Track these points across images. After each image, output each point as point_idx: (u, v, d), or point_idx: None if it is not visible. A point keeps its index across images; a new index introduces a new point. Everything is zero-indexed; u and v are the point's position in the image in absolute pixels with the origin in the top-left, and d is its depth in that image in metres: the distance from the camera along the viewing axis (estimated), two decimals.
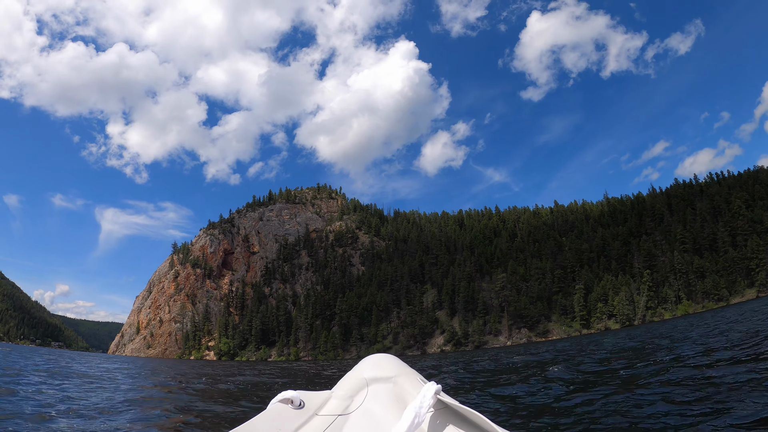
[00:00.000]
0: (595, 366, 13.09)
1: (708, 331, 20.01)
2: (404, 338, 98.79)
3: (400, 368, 1.67)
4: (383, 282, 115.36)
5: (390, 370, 1.63)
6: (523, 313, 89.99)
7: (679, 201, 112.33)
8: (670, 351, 13.79)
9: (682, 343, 16.29)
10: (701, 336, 18.01)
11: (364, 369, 1.66)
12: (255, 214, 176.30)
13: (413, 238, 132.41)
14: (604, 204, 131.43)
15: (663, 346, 16.58)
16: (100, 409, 8.36)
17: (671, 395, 6.39)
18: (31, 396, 9.25)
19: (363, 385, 1.54)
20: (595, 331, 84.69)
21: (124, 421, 7.25)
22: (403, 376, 1.60)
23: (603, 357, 16.17)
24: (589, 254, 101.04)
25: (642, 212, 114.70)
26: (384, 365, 1.69)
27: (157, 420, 7.75)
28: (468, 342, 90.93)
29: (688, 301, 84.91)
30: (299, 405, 1.33)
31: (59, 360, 33.28)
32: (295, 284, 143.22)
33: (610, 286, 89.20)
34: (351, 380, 1.58)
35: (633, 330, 54.94)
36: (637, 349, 17.74)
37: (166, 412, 8.67)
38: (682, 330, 25.97)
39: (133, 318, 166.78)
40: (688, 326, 29.86)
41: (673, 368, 9.17)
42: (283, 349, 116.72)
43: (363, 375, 1.60)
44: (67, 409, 7.97)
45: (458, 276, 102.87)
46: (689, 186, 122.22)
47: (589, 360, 15.55)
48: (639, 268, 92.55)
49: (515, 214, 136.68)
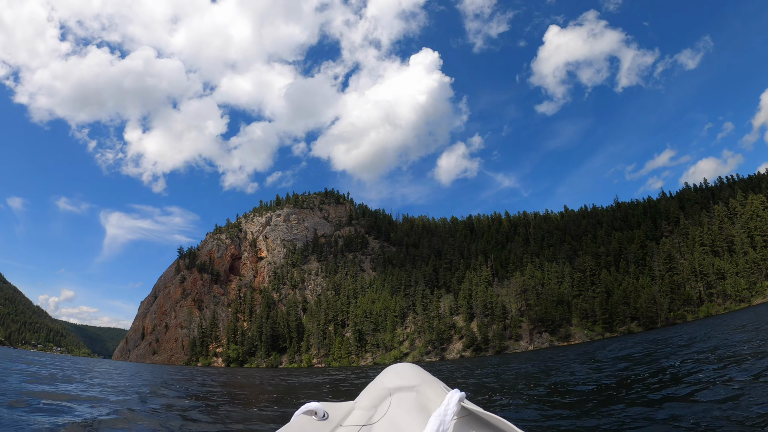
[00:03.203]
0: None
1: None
2: (422, 344, 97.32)
3: (423, 377, 1.65)
4: (396, 287, 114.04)
5: (412, 379, 1.61)
6: (544, 317, 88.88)
7: (692, 204, 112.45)
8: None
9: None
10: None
11: (386, 379, 1.65)
12: (262, 219, 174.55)
13: (425, 243, 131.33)
14: (615, 209, 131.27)
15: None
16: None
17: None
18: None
19: (386, 394, 1.52)
20: (618, 334, 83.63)
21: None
22: (426, 384, 1.57)
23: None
24: (606, 258, 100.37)
25: (656, 216, 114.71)
26: (406, 374, 1.67)
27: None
28: (488, 347, 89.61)
29: (710, 303, 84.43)
30: (323, 416, 1.32)
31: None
32: (305, 290, 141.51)
33: (632, 288, 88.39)
34: (374, 390, 1.56)
35: (664, 332, 53.75)
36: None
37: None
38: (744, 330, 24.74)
39: (138, 323, 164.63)
40: (725, 327, 28.47)
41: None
42: (295, 355, 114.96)
43: (386, 385, 1.58)
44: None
45: (474, 280, 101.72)
46: (700, 190, 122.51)
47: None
48: (659, 271, 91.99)
49: (526, 219, 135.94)
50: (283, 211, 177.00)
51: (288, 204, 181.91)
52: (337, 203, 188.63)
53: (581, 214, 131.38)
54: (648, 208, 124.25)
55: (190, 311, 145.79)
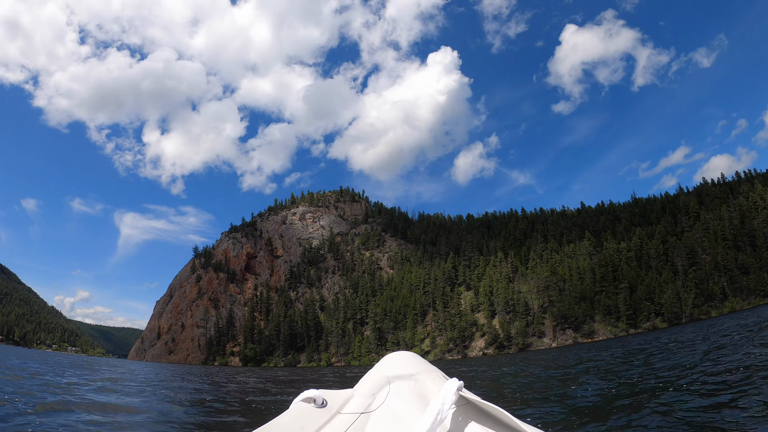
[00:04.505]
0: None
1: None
2: (443, 342, 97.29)
3: (422, 365, 1.66)
4: (415, 285, 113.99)
5: (411, 368, 1.62)
6: (567, 313, 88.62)
7: (712, 199, 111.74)
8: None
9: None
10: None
11: (385, 367, 1.63)
12: (277, 218, 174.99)
13: (442, 241, 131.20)
14: (633, 204, 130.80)
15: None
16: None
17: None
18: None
19: (385, 382, 1.53)
20: (643, 330, 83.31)
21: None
22: (425, 373, 1.58)
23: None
24: (627, 253, 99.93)
25: (675, 211, 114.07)
26: (405, 362, 1.67)
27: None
28: (511, 344, 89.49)
29: (735, 298, 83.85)
30: (322, 404, 1.32)
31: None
32: (322, 288, 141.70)
33: (655, 284, 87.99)
34: (373, 378, 1.55)
35: (687, 327, 53.34)
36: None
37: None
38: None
39: (154, 323, 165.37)
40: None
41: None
42: (313, 354, 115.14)
43: (384, 373, 1.58)
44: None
45: (495, 277, 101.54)
46: (718, 184, 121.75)
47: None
48: (682, 266, 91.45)
49: (543, 216, 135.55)
50: (299, 209, 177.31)
51: (303, 202, 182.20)
52: (353, 201, 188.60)
53: (599, 210, 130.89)
54: (666, 203, 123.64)
55: (206, 310, 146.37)
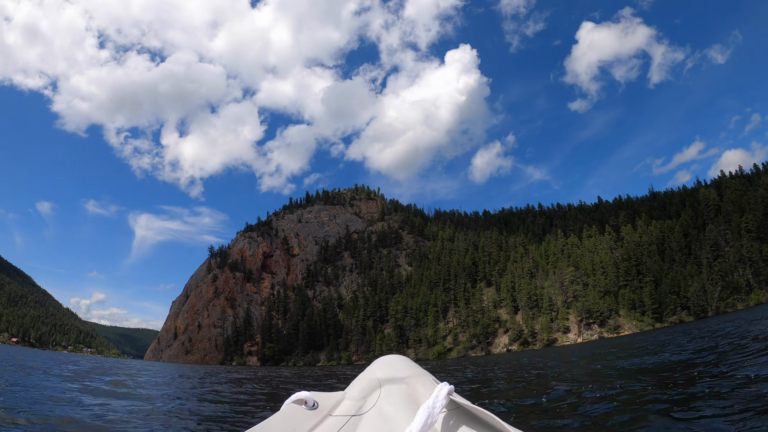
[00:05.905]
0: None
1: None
2: (465, 338, 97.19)
3: (413, 369, 1.65)
4: (435, 282, 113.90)
5: (402, 371, 1.61)
6: (592, 308, 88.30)
7: (732, 192, 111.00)
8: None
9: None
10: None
11: (376, 370, 1.63)
12: (293, 216, 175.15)
13: (460, 237, 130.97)
14: (651, 198, 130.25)
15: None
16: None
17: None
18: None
19: (376, 386, 1.52)
20: (669, 324, 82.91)
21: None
22: (416, 377, 1.57)
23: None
24: (649, 247, 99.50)
25: (695, 204, 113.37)
26: (396, 366, 1.67)
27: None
28: (536, 340, 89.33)
29: (760, 290, 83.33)
30: (313, 406, 1.33)
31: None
32: (339, 286, 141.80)
33: (681, 277, 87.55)
34: (364, 381, 1.55)
35: (713, 320, 52.78)
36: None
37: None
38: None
39: (170, 324, 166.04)
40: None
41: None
42: (333, 353, 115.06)
43: (376, 376, 1.58)
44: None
45: (517, 273, 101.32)
46: (737, 177, 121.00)
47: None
48: (707, 258, 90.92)
49: (561, 211, 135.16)
50: (314, 207, 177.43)
51: (319, 201, 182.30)
52: (368, 199, 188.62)
53: (617, 204, 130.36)
54: (685, 196, 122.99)
55: (223, 310, 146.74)
